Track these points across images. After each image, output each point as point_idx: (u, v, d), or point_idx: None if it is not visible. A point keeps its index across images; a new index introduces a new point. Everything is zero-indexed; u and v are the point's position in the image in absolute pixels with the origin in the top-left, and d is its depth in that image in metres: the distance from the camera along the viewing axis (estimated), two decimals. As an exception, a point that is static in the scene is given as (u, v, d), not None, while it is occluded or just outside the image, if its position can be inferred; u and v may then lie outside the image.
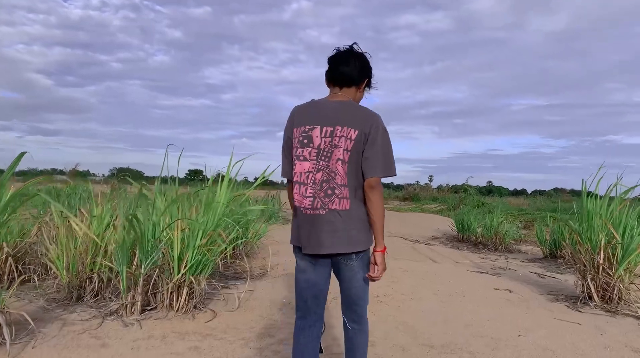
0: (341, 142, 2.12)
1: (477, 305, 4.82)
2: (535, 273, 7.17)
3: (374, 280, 2.26)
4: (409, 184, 40.10)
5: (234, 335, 3.53)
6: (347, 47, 2.30)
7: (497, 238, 10.42)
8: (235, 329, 3.65)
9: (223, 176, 4.30)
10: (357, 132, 2.12)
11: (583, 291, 5.10)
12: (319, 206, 2.15)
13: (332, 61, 2.30)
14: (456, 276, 6.33)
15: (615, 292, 4.91)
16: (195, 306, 3.92)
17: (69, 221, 4.07)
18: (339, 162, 2.13)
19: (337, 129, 2.14)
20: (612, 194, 5.27)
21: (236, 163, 4.37)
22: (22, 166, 5.38)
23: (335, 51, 2.31)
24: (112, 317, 3.69)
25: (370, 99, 2.83)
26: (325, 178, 2.14)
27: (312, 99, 2.32)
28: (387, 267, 2.45)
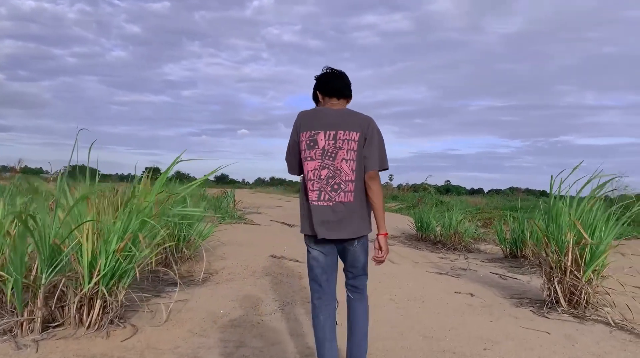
0: (345, 144, 2.45)
1: (438, 313, 4.39)
2: (496, 274, 6.85)
3: (379, 262, 2.64)
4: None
5: (152, 357, 2.96)
6: (331, 68, 2.69)
7: (457, 236, 10.13)
8: (156, 350, 3.07)
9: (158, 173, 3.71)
10: (359, 134, 2.47)
11: (549, 295, 4.75)
12: (326, 198, 2.45)
13: (331, 77, 2.65)
14: (415, 279, 5.92)
15: (582, 296, 4.58)
16: (111, 322, 3.31)
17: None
18: (344, 161, 2.45)
19: (340, 133, 2.46)
20: (570, 194, 4.93)
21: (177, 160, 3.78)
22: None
23: (325, 70, 2.68)
24: (5, 337, 3.04)
25: None
26: (330, 175, 2.45)
27: (317, 107, 2.66)
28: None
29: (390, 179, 40.61)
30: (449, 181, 64.95)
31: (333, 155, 2.46)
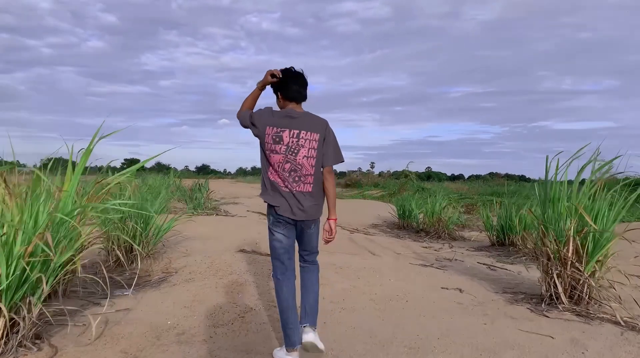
0: (306, 143, 2.83)
1: (424, 315, 3.83)
2: (484, 264, 6.35)
3: (327, 241, 3.04)
4: (352, 171, 39.11)
5: (64, 393, 2.33)
6: (297, 70, 2.97)
7: (440, 224, 9.62)
8: (72, 381, 2.44)
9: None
10: (318, 135, 2.86)
11: (547, 290, 4.23)
12: (288, 188, 2.83)
13: (292, 81, 2.92)
14: (397, 273, 5.36)
15: (585, 290, 4.06)
16: (20, 344, 2.66)
17: None
18: (305, 158, 2.83)
19: (302, 133, 2.83)
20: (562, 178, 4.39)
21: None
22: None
23: (290, 68, 2.96)
24: None
25: (312, 88, 3.02)
26: (292, 168, 2.82)
27: (282, 109, 2.95)
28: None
29: (372, 167, 40.00)
30: (429, 167, 64.77)
31: (295, 151, 2.82)
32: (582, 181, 4.36)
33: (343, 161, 2.98)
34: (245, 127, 2.96)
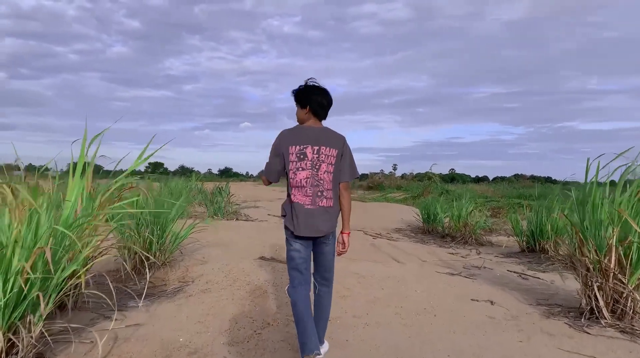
0: (326, 159, 2.92)
1: (454, 331, 3.56)
2: (515, 272, 6.03)
3: (340, 254, 3.09)
4: (374, 173, 38.73)
5: None
6: (317, 83, 3.03)
7: (467, 229, 9.27)
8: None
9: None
10: (336, 151, 2.95)
11: (587, 303, 3.92)
12: (313, 203, 2.90)
13: (325, 104, 2.99)
14: (424, 283, 5.09)
15: (629, 305, 3.75)
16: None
17: None
18: (326, 173, 2.92)
19: (322, 148, 2.91)
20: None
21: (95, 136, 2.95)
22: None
23: (310, 83, 3.02)
24: None
25: (334, 90, 3.86)
26: (315, 184, 2.90)
27: (298, 125, 3.03)
28: (340, 273, 3.41)
29: (394, 169, 39.57)
30: (453, 169, 63.75)
31: (317, 167, 2.88)
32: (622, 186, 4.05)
33: (358, 177, 3.12)
34: (273, 179, 3.02)
